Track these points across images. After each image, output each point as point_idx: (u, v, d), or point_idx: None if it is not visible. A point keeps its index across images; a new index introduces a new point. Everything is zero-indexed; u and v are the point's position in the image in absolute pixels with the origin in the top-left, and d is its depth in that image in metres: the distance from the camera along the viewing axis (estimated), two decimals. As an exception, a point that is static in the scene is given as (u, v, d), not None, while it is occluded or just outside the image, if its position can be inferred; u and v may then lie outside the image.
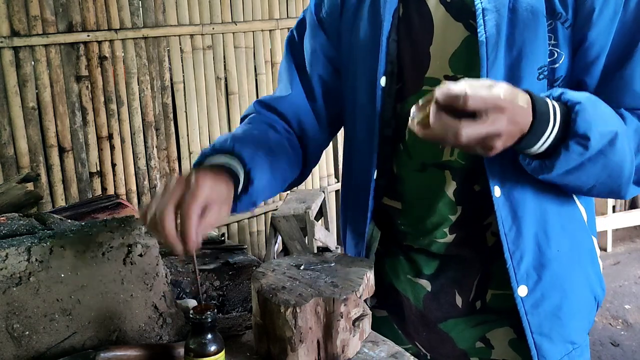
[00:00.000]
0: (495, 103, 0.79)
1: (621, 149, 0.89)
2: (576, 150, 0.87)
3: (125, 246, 1.02)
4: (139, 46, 2.77)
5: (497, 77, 0.95)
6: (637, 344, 3.04)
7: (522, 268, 1.01)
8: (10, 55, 2.45)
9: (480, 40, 0.95)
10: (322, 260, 1.08)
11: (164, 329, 1.06)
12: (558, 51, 0.96)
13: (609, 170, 0.90)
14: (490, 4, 0.95)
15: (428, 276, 1.14)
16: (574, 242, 1.06)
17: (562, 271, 1.04)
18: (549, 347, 1.04)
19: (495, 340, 1.11)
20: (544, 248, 1.02)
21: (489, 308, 1.10)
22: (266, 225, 3.39)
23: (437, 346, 1.18)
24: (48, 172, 2.62)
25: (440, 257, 1.12)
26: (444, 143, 0.83)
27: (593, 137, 0.85)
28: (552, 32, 0.95)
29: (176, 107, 2.96)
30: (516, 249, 1.00)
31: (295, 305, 0.92)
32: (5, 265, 0.93)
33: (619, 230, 4.30)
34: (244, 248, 1.51)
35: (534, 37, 0.94)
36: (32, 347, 0.94)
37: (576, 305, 1.07)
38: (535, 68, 0.95)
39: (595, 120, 0.86)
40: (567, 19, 0.95)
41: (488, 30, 0.95)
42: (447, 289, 1.13)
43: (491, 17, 0.95)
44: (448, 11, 1.03)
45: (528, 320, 1.03)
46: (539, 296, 1.03)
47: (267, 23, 3.18)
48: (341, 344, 0.96)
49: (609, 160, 0.89)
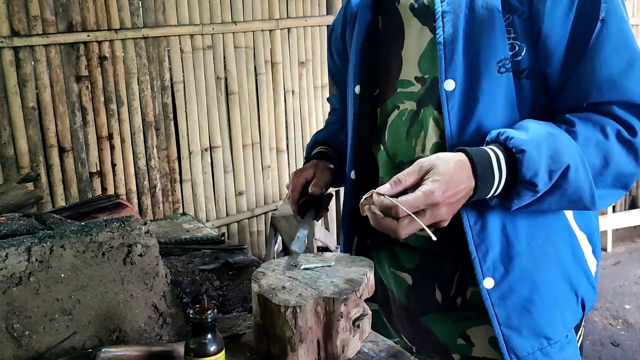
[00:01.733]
0: (426, 202, 0.87)
1: (575, 179, 0.92)
2: (527, 193, 0.92)
3: (125, 246, 1.02)
4: (139, 46, 2.77)
5: (456, 73, 0.99)
6: (637, 344, 3.04)
7: (489, 260, 1.02)
8: (10, 55, 2.45)
9: (438, 41, 1.00)
10: (322, 260, 1.08)
11: (164, 329, 1.06)
12: (518, 44, 0.99)
13: (568, 198, 0.94)
14: (449, 6, 1.00)
15: (409, 269, 1.16)
16: (549, 237, 1.06)
17: (532, 265, 1.04)
18: (519, 341, 1.04)
19: (475, 338, 1.12)
20: (513, 241, 1.03)
21: (470, 305, 1.11)
22: (266, 225, 3.39)
23: (420, 339, 1.20)
24: (48, 172, 2.62)
25: (420, 251, 1.14)
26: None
27: (540, 181, 0.90)
28: (510, 25, 0.99)
29: (176, 107, 2.96)
30: (481, 242, 1.01)
31: (295, 305, 0.92)
32: (5, 265, 0.93)
33: (619, 230, 4.30)
34: (244, 248, 1.51)
35: (490, 33, 0.98)
36: (32, 347, 0.94)
37: (550, 300, 1.06)
38: (494, 62, 0.98)
39: (541, 162, 0.90)
40: (523, 11, 0.98)
41: (446, 31, 1.00)
42: (427, 283, 1.14)
43: (449, 18, 1.00)
44: (416, 16, 1.09)
45: (495, 313, 1.03)
46: (507, 289, 1.03)
47: (267, 23, 3.18)
48: (341, 344, 0.96)
49: (565, 191, 0.93)
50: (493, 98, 0.99)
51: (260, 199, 3.35)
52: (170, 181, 2.99)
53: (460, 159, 0.91)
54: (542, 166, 0.90)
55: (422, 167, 0.91)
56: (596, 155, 0.95)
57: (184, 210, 3.03)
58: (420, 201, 0.87)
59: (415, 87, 1.09)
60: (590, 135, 0.95)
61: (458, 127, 1.00)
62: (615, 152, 0.95)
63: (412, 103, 1.09)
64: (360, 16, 1.17)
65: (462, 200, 0.92)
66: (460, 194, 0.90)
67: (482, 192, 0.93)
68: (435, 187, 0.87)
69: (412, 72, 1.09)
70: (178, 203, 3.04)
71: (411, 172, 0.91)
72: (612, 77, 0.95)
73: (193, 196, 3.09)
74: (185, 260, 1.43)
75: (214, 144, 3.11)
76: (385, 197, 0.88)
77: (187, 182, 3.06)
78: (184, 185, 3.05)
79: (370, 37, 1.17)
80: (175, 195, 3.02)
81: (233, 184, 3.23)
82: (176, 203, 3.03)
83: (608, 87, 0.96)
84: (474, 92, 0.99)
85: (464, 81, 0.99)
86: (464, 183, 0.90)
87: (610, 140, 0.95)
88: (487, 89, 0.98)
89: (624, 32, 0.96)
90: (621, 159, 0.96)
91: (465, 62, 0.99)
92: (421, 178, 0.91)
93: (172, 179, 3.00)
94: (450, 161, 0.90)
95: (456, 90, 0.99)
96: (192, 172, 3.06)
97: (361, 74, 1.17)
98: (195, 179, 3.08)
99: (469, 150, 0.93)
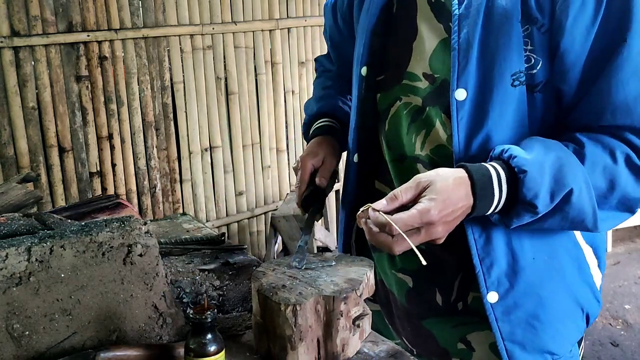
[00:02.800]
0: (421, 221, 0.87)
1: (578, 202, 0.91)
2: (526, 214, 0.91)
3: (125, 246, 1.02)
4: (139, 46, 2.77)
5: (469, 82, 0.96)
6: (637, 344, 3.04)
7: (493, 275, 1.00)
8: (10, 55, 2.45)
9: (453, 47, 0.97)
10: (322, 260, 1.08)
11: (164, 329, 1.06)
12: (535, 57, 0.96)
13: (570, 220, 0.93)
14: (466, 10, 0.96)
15: (410, 272, 1.15)
16: (555, 251, 1.04)
17: (537, 280, 1.02)
18: (522, 356, 1.03)
19: (476, 343, 1.11)
20: (518, 255, 1.01)
21: (471, 310, 1.10)
22: (266, 225, 3.39)
23: (421, 342, 1.19)
24: (48, 172, 2.62)
25: (421, 253, 1.13)
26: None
27: (540, 203, 0.89)
28: (529, 37, 0.95)
29: (176, 107, 2.96)
30: (486, 255, 1.00)
31: (295, 303, 0.92)
32: (5, 265, 0.93)
33: (619, 230, 4.30)
34: (244, 248, 1.51)
35: (507, 43, 0.94)
36: (32, 347, 0.94)
37: (555, 315, 1.05)
38: (508, 75, 0.95)
39: (543, 184, 0.88)
40: (543, 24, 0.94)
41: (461, 37, 0.96)
42: (428, 286, 1.13)
43: (465, 23, 0.96)
44: (432, 10, 1.05)
45: (499, 327, 1.02)
46: (511, 303, 1.02)
47: (267, 23, 3.18)
48: (341, 343, 0.97)
49: (567, 214, 0.92)
50: (504, 111, 0.96)
51: (260, 199, 3.36)
52: (170, 181, 3.00)
53: (459, 176, 0.90)
54: (544, 188, 0.88)
55: (419, 183, 0.90)
56: (602, 178, 0.93)
57: (184, 210, 3.03)
58: (415, 220, 0.86)
59: (422, 84, 1.06)
60: (599, 159, 0.93)
61: (466, 138, 0.97)
62: (623, 177, 0.93)
63: (417, 99, 1.07)
64: None
65: (459, 218, 0.91)
66: (457, 212, 0.89)
67: (481, 210, 0.92)
68: (432, 205, 0.86)
69: (422, 67, 1.06)
70: (178, 203, 3.04)
71: (408, 188, 0.90)
72: (627, 101, 0.92)
73: (193, 196, 3.09)
74: (185, 260, 1.43)
75: (214, 144, 3.11)
76: (380, 213, 0.88)
77: (187, 182, 3.06)
78: (184, 185, 3.05)
79: (383, 18, 1.12)
80: (175, 195, 3.02)
81: (233, 184, 3.24)
82: (176, 203, 3.03)
83: (622, 112, 0.93)
84: (485, 104, 0.96)
85: (476, 92, 0.96)
86: (461, 201, 0.89)
87: (619, 164, 0.93)
88: (498, 101, 0.95)
89: None
90: (628, 184, 0.93)
91: (478, 72, 0.96)
92: (418, 194, 0.89)
93: (172, 179, 3.00)
94: (449, 178, 0.89)
95: (467, 101, 0.96)
96: (192, 172, 3.06)
97: (370, 55, 1.14)
98: (195, 179, 3.08)
99: (469, 167, 0.91)
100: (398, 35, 1.11)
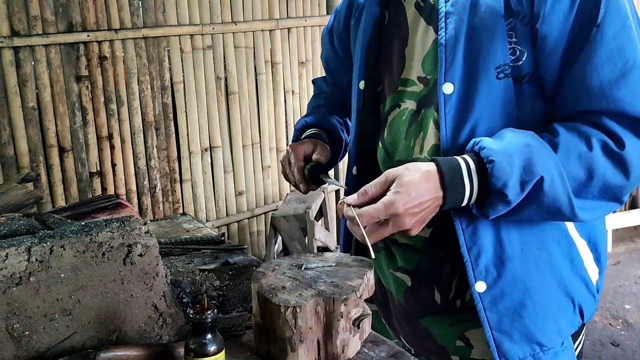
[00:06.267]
0: (387, 213, 0.91)
1: (550, 190, 0.92)
2: (499, 204, 0.93)
3: (125, 246, 1.02)
4: (139, 46, 2.77)
5: (455, 76, 0.99)
6: (637, 344, 3.04)
7: (481, 264, 1.02)
8: (10, 55, 2.45)
9: (439, 43, 1.00)
10: (322, 260, 1.08)
11: (164, 329, 1.06)
12: (520, 49, 0.98)
13: (546, 209, 0.94)
14: (453, 7, 1.00)
15: (408, 271, 1.16)
16: (544, 243, 1.05)
17: (525, 270, 1.03)
18: (510, 346, 1.04)
19: (475, 340, 1.11)
20: (506, 245, 1.02)
21: (469, 307, 1.10)
22: (266, 225, 3.39)
23: (419, 341, 1.20)
24: (48, 172, 2.62)
25: (419, 251, 1.14)
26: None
27: (510, 192, 0.91)
28: (512, 30, 0.98)
29: (176, 107, 2.96)
30: (473, 244, 1.01)
31: (295, 305, 0.92)
32: (5, 265, 0.93)
33: (619, 230, 4.30)
34: (244, 248, 1.51)
35: (491, 37, 0.97)
36: (32, 347, 0.94)
37: (543, 306, 1.05)
38: (492, 68, 0.98)
39: (512, 173, 0.90)
40: (525, 15, 0.97)
41: (448, 32, 0.99)
42: (426, 284, 1.14)
43: (452, 19, 0.99)
44: (421, 15, 1.08)
45: (487, 317, 1.03)
46: (499, 293, 1.03)
47: (267, 23, 3.18)
48: (341, 344, 0.96)
49: (542, 202, 0.93)
50: (490, 103, 0.98)
51: (260, 199, 3.35)
52: (170, 181, 3.00)
53: (427, 170, 0.93)
54: (514, 177, 0.90)
55: (387, 178, 0.94)
56: (578, 167, 0.93)
57: (184, 210, 3.03)
58: (381, 212, 0.91)
59: (417, 87, 1.08)
60: (572, 147, 0.93)
61: (453, 131, 1.00)
62: (600, 164, 0.93)
63: (413, 103, 1.09)
64: (367, 11, 1.16)
65: (429, 210, 0.94)
66: (425, 204, 0.92)
67: (452, 202, 0.94)
68: (396, 198, 0.90)
69: (416, 71, 1.09)
70: (178, 203, 3.04)
71: (377, 183, 0.95)
72: (602, 85, 0.93)
73: (193, 196, 3.09)
74: (185, 260, 1.43)
75: (214, 144, 3.11)
76: (349, 207, 0.93)
77: (187, 182, 3.06)
78: (184, 185, 3.05)
79: (376, 32, 1.16)
80: (175, 195, 3.02)
81: (233, 184, 3.23)
82: (176, 203, 3.03)
83: (598, 97, 0.94)
84: (471, 97, 0.98)
85: (462, 85, 0.99)
86: (428, 194, 0.92)
87: (595, 152, 0.93)
88: (483, 94, 0.98)
89: (623, 39, 0.93)
90: (607, 172, 0.94)
91: (464, 65, 0.99)
92: (387, 188, 0.93)
93: (172, 179, 3.00)
94: (417, 172, 0.92)
95: (454, 94, 0.99)
96: (192, 172, 3.06)
97: (366, 69, 1.17)
98: (195, 179, 3.08)
99: (439, 159, 0.95)
100: (391, 45, 1.14)
